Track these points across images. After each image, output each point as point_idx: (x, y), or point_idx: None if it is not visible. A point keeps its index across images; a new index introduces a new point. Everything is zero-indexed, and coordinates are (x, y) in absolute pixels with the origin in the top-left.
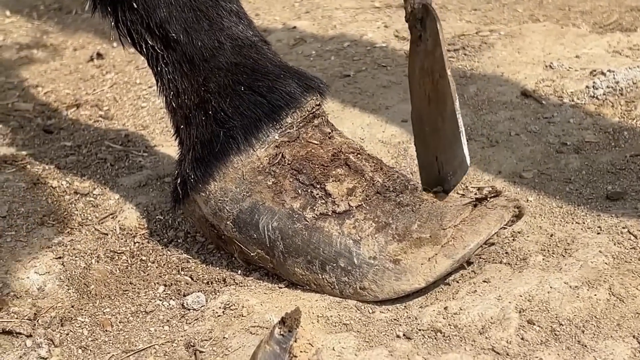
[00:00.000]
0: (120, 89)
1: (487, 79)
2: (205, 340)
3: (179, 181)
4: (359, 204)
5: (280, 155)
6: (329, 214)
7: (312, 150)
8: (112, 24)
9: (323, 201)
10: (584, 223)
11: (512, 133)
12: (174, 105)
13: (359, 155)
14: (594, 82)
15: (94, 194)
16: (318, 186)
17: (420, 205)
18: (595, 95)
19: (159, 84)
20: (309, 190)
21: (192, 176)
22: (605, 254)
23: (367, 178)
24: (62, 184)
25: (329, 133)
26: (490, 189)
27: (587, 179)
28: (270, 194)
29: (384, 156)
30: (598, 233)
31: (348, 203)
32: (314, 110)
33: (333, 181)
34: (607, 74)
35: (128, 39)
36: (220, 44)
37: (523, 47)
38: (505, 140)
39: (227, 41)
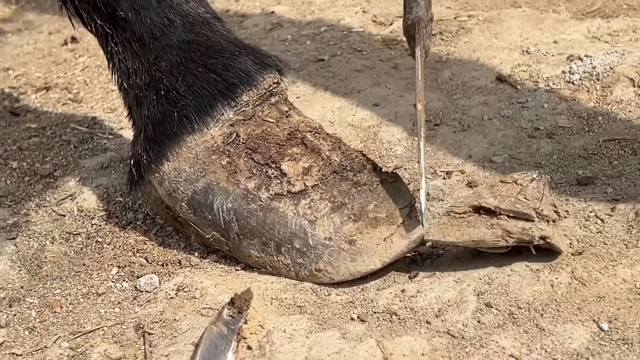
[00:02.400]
0: (91, 73)
1: (462, 63)
2: (155, 322)
3: (132, 162)
4: (315, 183)
5: (235, 134)
6: (284, 194)
7: (268, 129)
8: (60, 2)
9: (278, 181)
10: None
11: (485, 118)
12: (125, 85)
13: (316, 134)
14: (570, 67)
15: (54, 176)
16: (273, 165)
17: (377, 184)
18: (571, 80)
19: (110, 65)
20: (264, 170)
21: (145, 157)
22: (570, 237)
23: (324, 157)
24: (22, 165)
25: (287, 112)
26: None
27: (558, 164)
28: (224, 174)
29: (353, 140)
30: (565, 217)
31: (304, 183)
32: (271, 88)
33: (289, 160)
34: (584, 59)
35: (77, 18)
36: (170, 21)
37: (501, 32)
38: (477, 125)
39: (178, 18)
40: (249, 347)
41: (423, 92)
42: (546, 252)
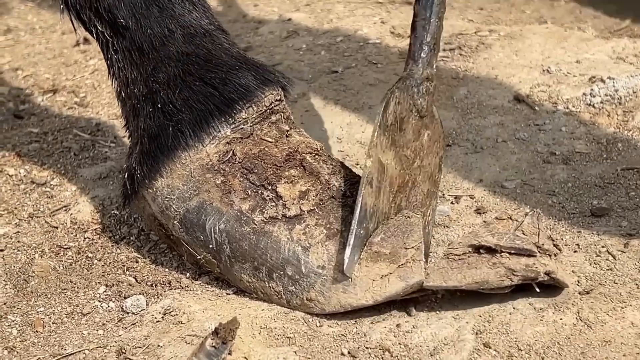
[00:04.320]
0: (101, 76)
1: (479, 81)
2: (139, 347)
3: (126, 175)
4: (311, 208)
5: (231, 152)
6: (279, 217)
7: (266, 149)
8: (61, 6)
9: (273, 204)
10: (561, 239)
11: (499, 139)
12: (123, 95)
13: (316, 156)
14: (591, 89)
15: (51, 184)
16: (269, 187)
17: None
18: (591, 103)
19: (110, 72)
20: (259, 192)
21: (139, 171)
22: (579, 274)
23: (323, 181)
24: (19, 172)
25: (287, 131)
26: (550, 244)
27: (572, 192)
28: (218, 194)
29: (360, 158)
30: (575, 251)
31: (299, 207)
32: (273, 105)
33: (285, 183)
34: (606, 82)
35: (79, 23)
36: (171, 32)
37: (522, 49)
38: (490, 147)
39: (178, 29)
40: None
41: (379, 147)
42: (550, 288)
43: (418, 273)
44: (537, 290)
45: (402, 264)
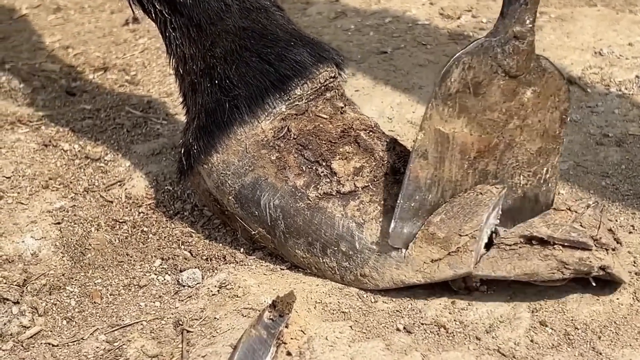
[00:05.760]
0: (150, 55)
1: None
2: (195, 319)
3: (182, 151)
4: (366, 184)
5: (286, 128)
6: (333, 193)
7: (321, 125)
8: None
9: (328, 180)
10: (616, 221)
11: None
12: (181, 71)
13: (371, 133)
14: None
15: (105, 160)
16: (324, 163)
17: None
18: None
19: (168, 51)
20: (314, 168)
21: (195, 146)
22: (635, 255)
23: (377, 157)
24: (73, 148)
25: (342, 108)
26: (611, 239)
27: (626, 174)
28: (273, 170)
29: (411, 138)
30: (630, 232)
31: (354, 183)
32: (327, 82)
33: (340, 159)
34: None
35: (138, 5)
36: (227, 6)
37: (573, 31)
38: None
39: (234, 3)
40: (289, 353)
41: (436, 118)
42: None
43: (467, 264)
44: (594, 284)
45: (452, 252)
